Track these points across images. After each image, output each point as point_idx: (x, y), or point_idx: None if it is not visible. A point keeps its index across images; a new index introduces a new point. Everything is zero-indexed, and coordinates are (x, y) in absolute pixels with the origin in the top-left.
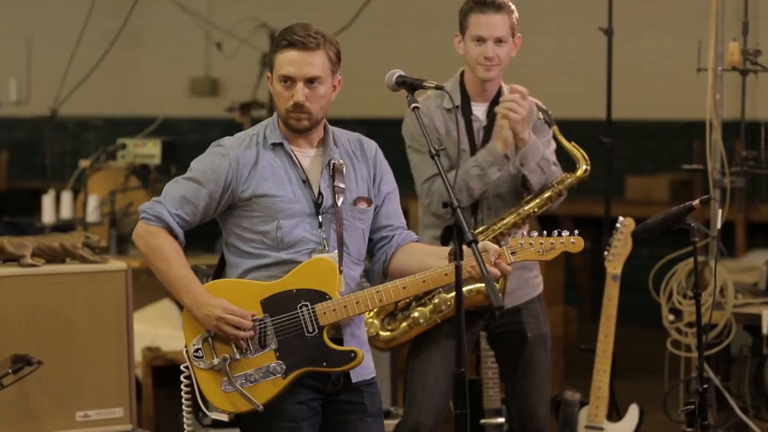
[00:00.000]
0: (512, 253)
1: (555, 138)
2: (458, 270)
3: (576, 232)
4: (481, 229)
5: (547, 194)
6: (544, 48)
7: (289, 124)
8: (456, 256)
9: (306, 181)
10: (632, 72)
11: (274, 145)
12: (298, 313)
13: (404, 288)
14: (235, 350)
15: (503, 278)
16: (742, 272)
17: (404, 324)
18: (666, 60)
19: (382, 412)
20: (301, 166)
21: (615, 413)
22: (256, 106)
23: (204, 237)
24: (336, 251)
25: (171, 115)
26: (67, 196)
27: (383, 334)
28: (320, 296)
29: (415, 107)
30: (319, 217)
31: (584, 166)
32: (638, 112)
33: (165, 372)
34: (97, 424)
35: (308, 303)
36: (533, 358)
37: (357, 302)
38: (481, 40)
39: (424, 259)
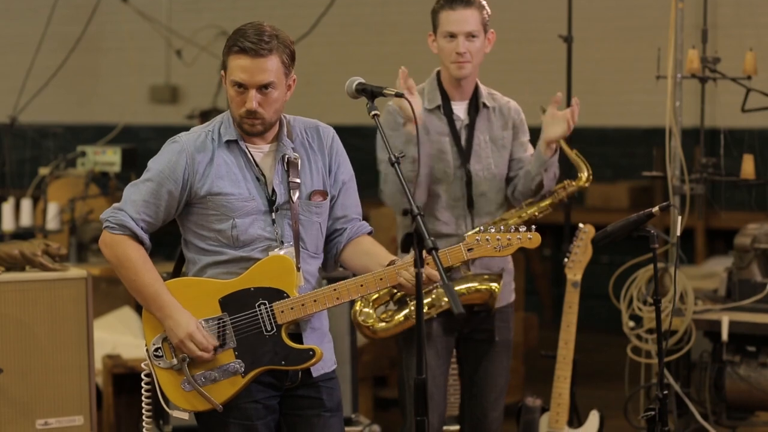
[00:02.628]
0: (469, 250)
1: (560, 147)
2: (419, 277)
3: (533, 227)
4: (477, 228)
5: (548, 201)
6: (503, 55)
7: (243, 128)
8: (417, 263)
9: (260, 179)
10: (592, 79)
11: (228, 142)
12: (256, 311)
13: (362, 286)
14: None
15: (499, 279)
16: (702, 279)
17: (400, 316)
18: (625, 67)
19: (341, 406)
20: (255, 163)
21: (576, 419)
22: (216, 114)
23: (164, 246)
24: (292, 247)
25: (131, 122)
26: (26, 204)
27: (378, 325)
28: (278, 294)
29: (375, 115)
30: (273, 214)
31: (586, 175)
32: (598, 120)
33: (125, 379)
34: None
35: (266, 301)
36: (496, 362)
37: (315, 300)
38: (452, 36)
39: (365, 260)
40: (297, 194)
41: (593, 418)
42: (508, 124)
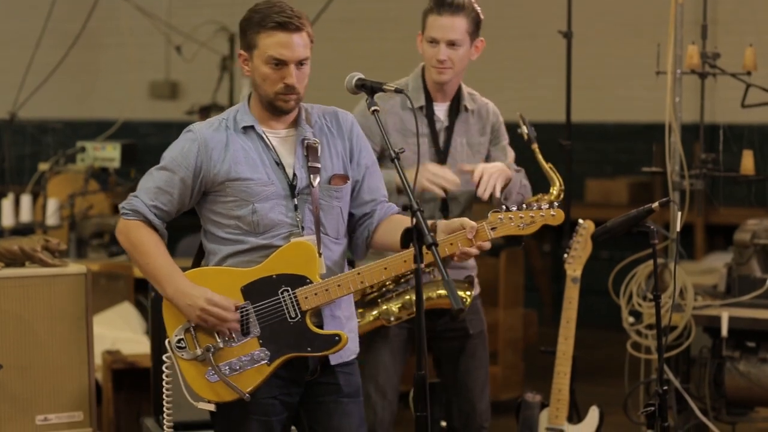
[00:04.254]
0: (492, 229)
1: (534, 156)
2: (418, 273)
3: (555, 204)
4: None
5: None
6: (503, 51)
7: (276, 105)
8: (416, 259)
9: (279, 163)
10: (591, 75)
11: (245, 128)
12: (279, 298)
13: (385, 268)
14: (218, 339)
15: (470, 287)
16: (702, 274)
17: (372, 314)
18: (625, 63)
19: (360, 392)
20: (273, 147)
21: (575, 415)
22: (216, 109)
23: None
24: (313, 233)
25: (130, 118)
26: (26, 200)
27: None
28: (301, 281)
29: (375, 110)
30: (295, 199)
31: (557, 189)
32: (597, 115)
33: (125, 375)
34: (57, 428)
35: (289, 288)
36: (475, 356)
37: (338, 285)
38: (434, 41)
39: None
40: (318, 179)
41: (593, 414)
42: (486, 129)
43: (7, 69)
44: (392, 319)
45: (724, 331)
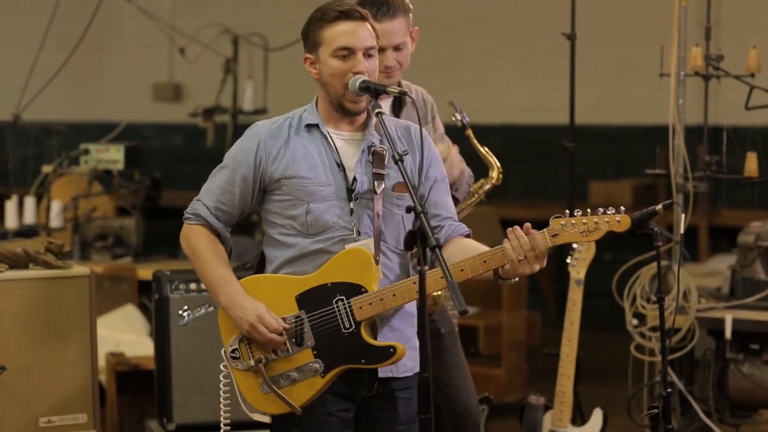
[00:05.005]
0: (553, 236)
1: (470, 142)
2: (422, 276)
3: (622, 209)
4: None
5: (471, 200)
6: (507, 53)
7: (345, 106)
8: (420, 261)
9: (340, 165)
10: (595, 77)
11: (309, 126)
12: (333, 308)
13: (441, 277)
14: (272, 350)
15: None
16: (705, 277)
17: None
18: (629, 65)
19: (417, 419)
20: (336, 148)
21: (579, 417)
22: (220, 111)
23: (165, 244)
24: (371, 239)
25: (134, 120)
26: (30, 202)
27: None
28: (356, 289)
29: (379, 112)
30: (351, 203)
31: (497, 172)
32: (601, 117)
33: (129, 377)
34: (61, 430)
35: (344, 297)
36: (451, 354)
37: (394, 294)
38: (379, 49)
39: (464, 257)
40: (382, 185)
41: (596, 416)
42: (428, 117)
43: (11, 71)
44: None
45: (728, 334)
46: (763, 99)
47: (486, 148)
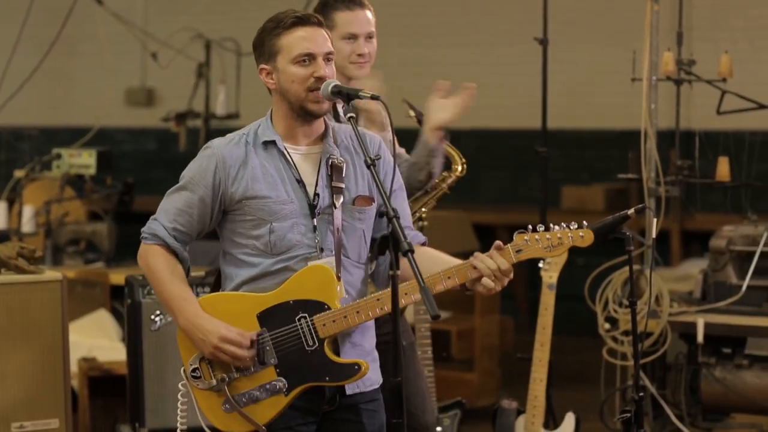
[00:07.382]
0: (517, 251)
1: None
2: (394, 279)
3: (585, 224)
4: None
5: (432, 194)
6: (479, 58)
7: (307, 109)
8: (392, 265)
9: (300, 181)
10: (567, 82)
11: (266, 143)
12: (296, 325)
13: (406, 294)
14: (234, 369)
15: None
16: (678, 281)
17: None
18: (601, 70)
19: (384, 430)
20: (294, 164)
21: (551, 421)
22: (192, 116)
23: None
24: (332, 256)
25: (106, 124)
26: (1, 207)
27: None
28: (319, 307)
29: (351, 117)
30: (314, 219)
31: (460, 164)
32: (573, 122)
33: (101, 382)
34: None
35: (306, 315)
36: (410, 367)
37: (357, 312)
38: (353, 37)
39: (427, 266)
40: (341, 199)
41: (569, 420)
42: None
43: None
44: None
45: (700, 338)
46: (734, 104)
47: (447, 143)
